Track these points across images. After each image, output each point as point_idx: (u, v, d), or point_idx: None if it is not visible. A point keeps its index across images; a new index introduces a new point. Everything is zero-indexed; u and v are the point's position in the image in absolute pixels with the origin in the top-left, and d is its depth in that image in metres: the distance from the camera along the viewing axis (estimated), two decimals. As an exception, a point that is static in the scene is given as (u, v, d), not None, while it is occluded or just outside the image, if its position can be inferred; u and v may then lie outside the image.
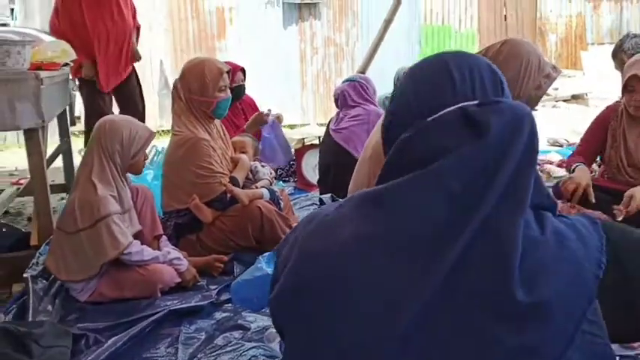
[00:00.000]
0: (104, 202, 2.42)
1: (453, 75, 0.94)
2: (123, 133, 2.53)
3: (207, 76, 2.97)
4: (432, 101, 0.92)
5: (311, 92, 9.71)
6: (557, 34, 10.78)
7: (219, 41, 9.30)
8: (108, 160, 2.52)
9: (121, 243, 2.41)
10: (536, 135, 0.85)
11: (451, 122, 0.88)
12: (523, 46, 2.12)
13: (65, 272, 2.46)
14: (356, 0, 9.58)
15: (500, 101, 0.89)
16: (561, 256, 0.81)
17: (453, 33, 10.36)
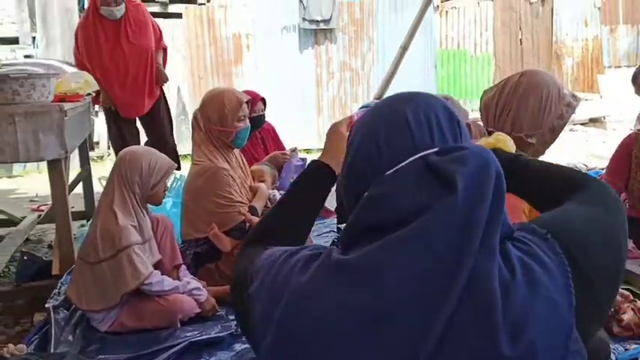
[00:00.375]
0: (125, 232, 2.44)
1: (409, 121, 0.91)
2: (142, 165, 2.56)
3: (227, 106, 3.00)
4: (390, 152, 0.90)
5: (327, 117, 9.76)
6: (573, 58, 10.75)
7: (235, 67, 9.43)
8: (128, 190, 2.55)
9: (142, 273, 2.42)
10: (503, 180, 0.84)
11: (415, 176, 0.86)
12: (542, 77, 2.12)
13: (86, 302, 2.47)
14: (372, 25, 9.67)
15: (461, 147, 0.88)
16: (535, 295, 0.80)
17: (468, 57, 10.39)
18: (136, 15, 4.52)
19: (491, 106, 2.15)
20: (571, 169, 1.20)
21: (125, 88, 4.46)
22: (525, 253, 0.84)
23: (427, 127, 0.91)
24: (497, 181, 0.83)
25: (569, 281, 0.82)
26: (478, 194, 0.81)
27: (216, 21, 9.28)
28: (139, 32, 4.48)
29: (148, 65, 4.53)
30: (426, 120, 0.92)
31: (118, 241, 2.42)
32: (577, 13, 10.68)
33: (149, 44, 4.55)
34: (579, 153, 7.10)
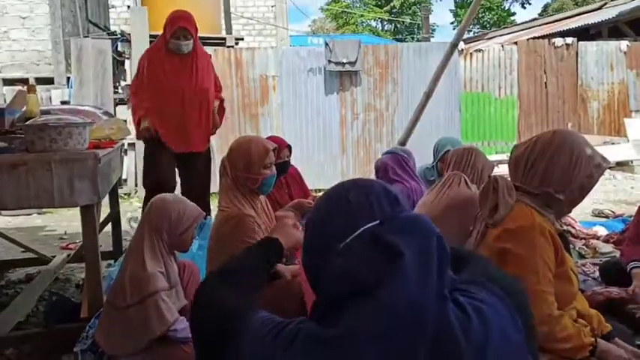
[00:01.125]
0: (152, 278, 2.49)
1: (351, 202, 1.08)
2: (171, 213, 2.63)
3: (254, 153, 3.07)
4: (338, 229, 1.05)
5: (351, 157, 9.84)
6: (599, 101, 10.72)
7: (261, 107, 9.61)
8: (156, 237, 2.61)
9: (168, 320, 2.46)
10: (443, 239, 1.00)
11: (365, 247, 1.00)
12: (573, 137, 2.15)
13: (113, 346, 2.51)
14: (396, 68, 9.80)
15: (400, 216, 1.04)
16: (489, 330, 0.96)
17: (492, 100, 10.43)
18: (203, 55, 4.60)
19: (521, 162, 2.18)
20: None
21: (180, 121, 4.43)
22: (473, 299, 1.00)
23: (368, 205, 1.08)
24: (438, 241, 0.99)
25: (514, 313, 1.01)
26: (424, 257, 0.95)
27: (244, 62, 9.51)
28: (203, 72, 4.52)
29: (204, 106, 4.53)
30: (366, 199, 1.09)
31: (145, 287, 2.47)
32: (602, 57, 10.69)
33: (210, 87, 4.60)
34: (606, 199, 7.02)
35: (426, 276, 0.94)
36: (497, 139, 10.44)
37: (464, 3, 31.51)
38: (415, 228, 1.00)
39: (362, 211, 1.06)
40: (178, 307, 2.61)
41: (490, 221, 2.20)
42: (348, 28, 32.93)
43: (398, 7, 34.08)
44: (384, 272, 0.94)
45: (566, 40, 10.61)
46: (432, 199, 3.12)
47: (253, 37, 15.74)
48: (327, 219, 1.10)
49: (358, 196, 1.09)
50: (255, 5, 16.27)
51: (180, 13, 4.46)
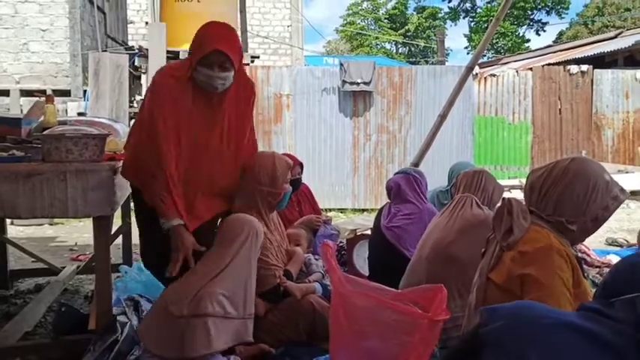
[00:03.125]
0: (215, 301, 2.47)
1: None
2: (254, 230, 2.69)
3: (278, 168, 3.07)
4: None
5: (363, 177, 9.83)
6: (613, 129, 10.66)
7: (275, 125, 9.65)
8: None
9: (213, 345, 2.41)
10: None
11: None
12: (591, 166, 2.12)
13: (158, 346, 2.47)
14: (410, 90, 9.83)
15: None
16: None
17: (506, 125, 10.41)
18: (244, 92, 2.95)
19: (536, 187, 2.16)
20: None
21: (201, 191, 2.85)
22: None
23: None
24: None
25: None
26: None
27: (259, 80, 9.57)
28: (238, 122, 2.95)
29: (231, 173, 2.97)
30: None
31: (204, 306, 2.43)
32: (618, 85, 10.65)
33: (241, 153, 3.00)
34: (620, 227, 6.94)
35: None
36: (510, 163, 10.39)
37: (478, 28, 31.66)
38: None
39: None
40: (235, 341, 2.53)
41: (504, 243, 2.17)
42: (363, 50, 33.16)
43: (412, 31, 34.29)
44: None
45: (581, 67, 10.60)
46: (444, 221, 3.10)
47: (268, 55, 15.89)
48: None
49: None
50: (272, 25, 16.45)
51: (218, 30, 2.76)
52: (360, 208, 9.66)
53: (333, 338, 2.14)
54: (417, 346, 1.95)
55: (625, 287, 1.25)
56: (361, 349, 2.02)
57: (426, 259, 3.02)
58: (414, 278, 3.04)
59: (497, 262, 2.21)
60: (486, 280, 2.24)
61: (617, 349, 1.15)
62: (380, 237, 3.84)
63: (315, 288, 3.12)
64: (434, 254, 3.00)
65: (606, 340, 1.17)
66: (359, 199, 9.78)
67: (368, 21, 36.57)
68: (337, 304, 2.11)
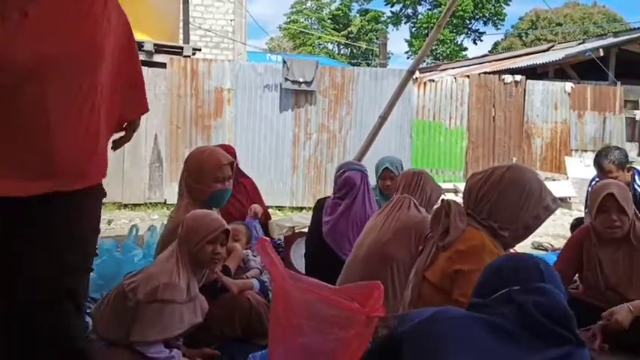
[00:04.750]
0: (170, 287, 2.44)
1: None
2: (190, 222, 2.61)
3: (206, 165, 3.01)
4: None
5: (302, 175, 9.85)
6: (542, 138, 11.15)
7: (215, 120, 9.52)
8: (179, 248, 2.59)
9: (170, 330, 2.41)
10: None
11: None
12: (526, 175, 2.20)
13: (107, 331, 2.47)
14: (352, 91, 9.92)
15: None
16: None
17: (443, 129, 10.69)
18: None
19: (474, 192, 2.22)
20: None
21: None
22: None
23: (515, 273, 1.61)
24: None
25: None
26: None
27: (200, 73, 9.42)
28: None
29: None
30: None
31: (162, 292, 2.40)
32: (548, 96, 11.15)
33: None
34: (545, 232, 7.25)
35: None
36: (446, 167, 10.68)
37: (419, 34, 32.34)
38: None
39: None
40: (192, 322, 2.53)
41: (441, 244, 2.23)
42: (305, 49, 33.21)
43: (355, 33, 34.65)
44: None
45: (515, 77, 11.02)
46: (382, 222, 3.10)
47: (210, 49, 15.64)
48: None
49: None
50: (214, 18, 16.21)
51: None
52: (299, 206, 9.67)
53: (272, 332, 2.13)
54: (352, 341, 1.96)
55: (497, 286, 1.55)
56: (298, 344, 2.02)
57: (362, 259, 3.03)
58: (350, 277, 3.06)
59: (433, 261, 2.27)
60: (422, 279, 2.29)
61: (507, 330, 1.44)
62: (317, 234, 3.83)
63: (253, 284, 3.10)
64: (370, 254, 3.01)
65: (501, 324, 1.45)
66: (297, 197, 9.79)
67: (311, 20, 36.68)
68: (278, 297, 2.11)
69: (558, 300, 1.48)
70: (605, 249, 3.02)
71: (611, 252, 3.00)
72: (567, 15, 30.55)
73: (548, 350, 1.41)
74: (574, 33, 26.97)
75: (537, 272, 1.55)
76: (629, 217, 2.92)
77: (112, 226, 7.08)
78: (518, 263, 1.60)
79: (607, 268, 2.99)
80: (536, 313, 1.43)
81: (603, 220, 2.98)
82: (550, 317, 1.43)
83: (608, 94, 11.47)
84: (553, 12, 30.03)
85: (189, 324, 2.49)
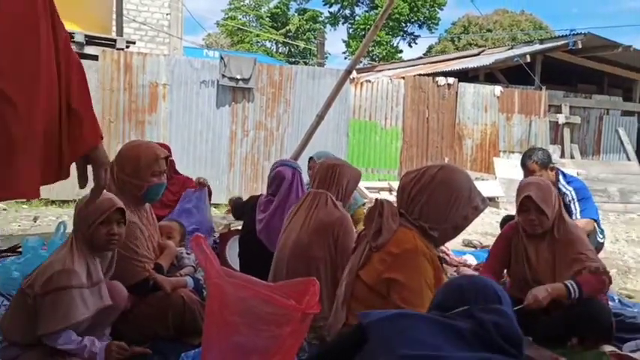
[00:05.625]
0: (67, 274, 2.36)
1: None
2: (81, 206, 2.52)
3: (142, 159, 2.94)
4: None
5: (238, 173, 9.77)
6: (473, 140, 11.53)
7: (149, 115, 9.30)
8: (75, 232, 2.51)
9: (72, 316, 2.33)
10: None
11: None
12: (457, 176, 2.26)
13: (12, 332, 2.40)
14: (289, 89, 9.93)
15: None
16: None
17: (379, 129, 10.86)
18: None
19: (406, 191, 2.27)
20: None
21: None
22: None
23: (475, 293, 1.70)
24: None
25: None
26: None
27: (134, 67, 9.18)
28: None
29: None
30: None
31: (57, 280, 2.32)
32: (478, 99, 11.54)
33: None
34: (475, 230, 7.49)
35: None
36: (381, 166, 10.86)
37: (356, 35, 32.67)
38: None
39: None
40: (99, 307, 2.45)
41: (374, 244, 2.26)
42: (243, 46, 32.90)
43: (293, 32, 34.63)
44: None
45: (448, 80, 11.33)
46: (301, 221, 3.08)
47: (145, 43, 15.24)
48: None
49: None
50: (150, 11, 15.80)
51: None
52: (234, 204, 9.58)
53: (207, 331, 2.10)
54: (287, 338, 1.97)
55: (457, 303, 1.64)
56: (233, 342, 2.00)
57: (287, 261, 3.03)
58: (277, 279, 3.05)
59: (366, 261, 2.30)
60: (355, 278, 2.32)
61: (466, 335, 1.53)
62: (252, 231, 3.80)
63: (187, 282, 3.04)
64: (294, 256, 3.00)
65: (460, 327, 1.54)
66: (234, 194, 9.70)
67: (249, 17, 36.37)
68: (213, 295, 2.08)
69: (513, 324, 1.59)
70: (531, 243, 3.17)
71: (537, 245, 3.15)
72: (497, 21, 31.64)
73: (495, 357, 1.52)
74: (503, 39, 27.99)
75: (495, 295, 1.66)
76: (547, 215, 3.06)
77: (37, 223, 6.79)
78: (477, 284, 1.71)
79: (533, 260, 3.13)
80: (494, 332, 1.53)
81: (523, 218, 3.14)
82: (505, 337, 1.53)
83: (534, 98, 11.98)
84: (484, 18, 31.06)
85: (94, 309, 2.42)
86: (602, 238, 4.42)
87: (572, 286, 2.83)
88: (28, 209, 7.95)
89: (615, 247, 6.86)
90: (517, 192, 3.25)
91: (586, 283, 2.84)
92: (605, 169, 11.55)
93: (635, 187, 11.08)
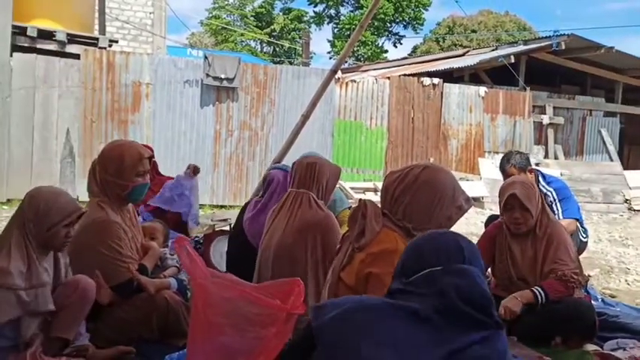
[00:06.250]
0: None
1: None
2: (40, 204, 2.41)
3: (127, 159, 2.90)
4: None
5: (223, 173, 9.71)
6: (458, 140, 11.58)
7: (132, 114, 9.21)
8: (23, 229, 2.40)
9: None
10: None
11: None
12: (441, 176, 2.24)
13: None
14: (274, 88, 9.89)
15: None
16: None
17: (364, 129, 10.87)
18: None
19: (390, 191, 2.25)
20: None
21: None
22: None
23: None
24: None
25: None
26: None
27: (117, 66, 9.09)
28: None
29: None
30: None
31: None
32: (463, 99, 11.59)
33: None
34: (458, 230, 7.52)
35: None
36: (366, 167, 10.87)
37: (341, 35, 32.70)
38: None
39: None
40: (36, 310, 2.37)
41: (356, 245, 2.25)
42: (227, 45, 32.75)
43: (278, 31, 34.56)
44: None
45: (433, 80, 11.37)
46: (284, 222, 3.04)
47: (128, 41, 15.10)
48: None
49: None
50: (132, 10, 15.67)
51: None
52: (219, 204, 9.53)
53: (192, 332, 2.08)
54: (271, 339, 1.95)
55: (418, 266, 1.54)
56: (218, 343, 1.98)
57: (272, 262, 3.00)
58: (262, 279, 3.02)
59: (349, 261, 2.28)
60: (338, 279, 2.30)
61: (424, 316, 1.44)
62: (240, 231, 3.77)
63: (171, 283, 3.01)
64: (279, 258, 2.98)
65: (415, 309, 1.45)
66: (217, 195, 9.65)
67: (234, 17, 36.24)
68: (198, 296, 2.05)
69: (478, 283, 1.48)
70: (515, 241, 3.20)
71: (521, 244, 3.18)
72: (481, 22, 31.83)
73: (467, 335, 1.42)
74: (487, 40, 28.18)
75: (458, 252, 1.55)
76: (531, 213, 3.09)
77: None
78: (439, 243, 1.60)
79: (517, 259, 3.17)
80: (456, 299, 1.43)
81: (508, 217, 3.17)
82: (469, 302, 1.43)
83: (519, 98, 12.07)
84: (468, 19, 31.24)
85: (25, 310, 2.34)
86: (585, 237, 4.45)
87: (538, 291, 2.95)
88: (7, 209, 7.83)
89: (598, 247, 6.92)
90: (500, 191, 3.27)
91: (552, 288, 2.97)
92: (588, 170, 11.66)
93: (618, 187, 11.20)
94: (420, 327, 1.43)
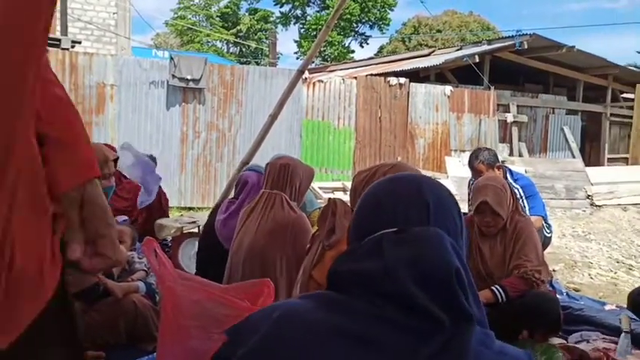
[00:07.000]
0: None
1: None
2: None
3: None
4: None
5: (190, 175, 9.62)
6: (425, 139, 11.71)
7: (97, 116, 9.06)
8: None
9: None
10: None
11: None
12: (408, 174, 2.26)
13: None
14: (241, 89, 9.84)
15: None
16: None
17: (332, 129, 10.90)
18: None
19: (358, 191, 2.26)
20: None
21: None
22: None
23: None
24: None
25: None
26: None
27: (80, 67, 8.93)
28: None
29: None
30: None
31: None
32: (429, 99, 11.72)
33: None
34: (428, 227, 7.61)
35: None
36: (335, 167, 10.90)
37: (308, 35, 32.74)
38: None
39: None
40: None
41: (327, 243, 2.25)
42: (193, 46, 32.47)
43: (244, 32, 34.41)
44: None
45: (399, 80, 11.47)
46: (256, 224, 3.00)
47: (91, 42, 14.83)
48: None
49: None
50: (95, 10, 15.39)
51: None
52: (187, 206, 9.44)
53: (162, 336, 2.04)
54: (242, 341, 1.94)
55: (371, 226, 1.08)
56: (187, 347, 1.95)
57: (242, 263, 2.99)
58: (232, 281, 3.00)
59: (320, 259, 2.29)
60: (309, 278, 2.31)
61: (367, 335, 0.94)
62: (211, 233, 3.74)
63: (139, 286, 2.97)
64: (250, 259, 2.96)
65: (351, 330, 0.95)
66: (185, 197, 9.56)
67: (199, 17, 35.96)
68: (166, 299, 2.03)
69: (441, 255, 0.96)
70: (485, 238, 3.27)
71: (490, 240, 3.25)
72: (446, 22, 32.26)
73: (421, 346, 0.91)
74: (452, 39, 28.56)
75: (422, 206, 1.05)
76: (503, 217, 3.17)
77: None
78: (399, 196, 1.09)
79: (486, 255, 3.23)
80: (406, 277, 0.95)
81: (479, 219, 3.24)
82: (426, 285, 0.94)
83: (483, 97, 12.26)
84: (433, 19, 31.63)
85: None
86: (549, 233, 4.55)
87: (498, 291, 3.01)
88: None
89: (562, 242, 7.08)
90: (474, 192, 3.32)
91: (512, 286, 3.02)
92: (551, 167, 11.91)
93: (580, 183, 11.47)
94: (361, 350, 0.93)
